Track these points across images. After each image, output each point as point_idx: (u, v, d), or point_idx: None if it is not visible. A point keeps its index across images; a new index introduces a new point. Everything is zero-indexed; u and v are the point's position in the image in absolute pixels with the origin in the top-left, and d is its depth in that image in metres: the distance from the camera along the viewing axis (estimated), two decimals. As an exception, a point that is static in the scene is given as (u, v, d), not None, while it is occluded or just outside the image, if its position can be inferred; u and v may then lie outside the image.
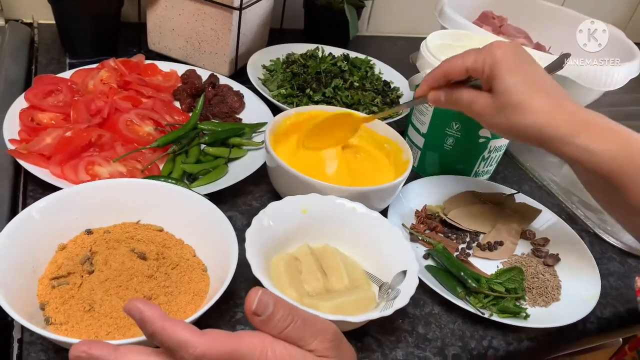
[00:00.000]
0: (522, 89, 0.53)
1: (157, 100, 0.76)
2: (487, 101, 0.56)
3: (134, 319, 0.32)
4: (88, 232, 0.53)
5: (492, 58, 0.55)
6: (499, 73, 0.54)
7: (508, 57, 0.54)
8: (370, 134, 0.73)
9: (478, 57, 0.56)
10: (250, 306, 0.33)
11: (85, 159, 0.62)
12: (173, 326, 0.31)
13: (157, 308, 0.32)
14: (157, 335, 0.31)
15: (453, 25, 0.90)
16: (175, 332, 0.31)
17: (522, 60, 0.55)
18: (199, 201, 0.55)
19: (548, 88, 0.54)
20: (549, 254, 0.68)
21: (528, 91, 0.53)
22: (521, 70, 0.54)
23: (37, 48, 0.89)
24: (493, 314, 0.57)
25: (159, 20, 0.88)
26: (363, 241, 0.59)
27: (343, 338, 0.37)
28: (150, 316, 0.31)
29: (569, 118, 0.53)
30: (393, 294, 0.52)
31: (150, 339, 0.31)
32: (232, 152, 0.71)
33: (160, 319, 0.31)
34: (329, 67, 0.89)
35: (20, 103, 0.68)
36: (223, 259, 0.50)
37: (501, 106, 0.54)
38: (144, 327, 0.31)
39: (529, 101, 0.53)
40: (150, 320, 0.31)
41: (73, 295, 0.47)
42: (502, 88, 0.54)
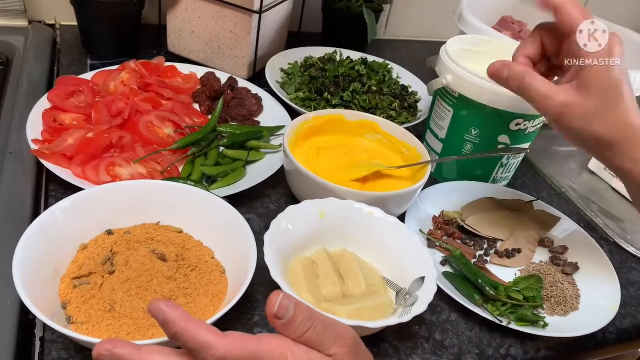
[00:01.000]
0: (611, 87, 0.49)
1: (176, 102, 0.77)
2: (569, 99, 0.51)
3: (156, 319, 0.32)
4: (108, 233, 0.54)
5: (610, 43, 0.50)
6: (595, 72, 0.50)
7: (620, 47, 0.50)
8: (389, 138, 0.73)
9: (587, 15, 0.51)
10: (272, 309, 0.33)
11: (106, 159, 0.63)
12: (196, 327, 0.31)
13: (180, 309, 0.32)
14: (180, 336, 0.31)
15: (472, 30, 0.90)
16: (198, 334, 0.31)
17: None
18: (217, 203, 0.56)
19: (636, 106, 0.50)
20: (567, 262, 0.68)
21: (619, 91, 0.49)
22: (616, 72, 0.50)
23: (59, 49, 0.90)
24: (511, 322, 0.57)
25: (179, 23, 0.89)
26: (380, 246, 0.59)
27: (361, 343, 0.37)
28: (174, 317, 0.31)
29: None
30: (411, 300, 0.52)
31: (172, 339, 0.32)
32: (250, 154, 0.71)
33: (183, 320, 0.31)
34: (346, 70, 0.89)
35: (43, 103, 0.69)
36: (241, 261, 0.51)
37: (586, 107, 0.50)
38: (167, 328, 0.32)
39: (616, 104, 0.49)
40: (173, 321, 0.31)
41: (94, 295, 0.47)
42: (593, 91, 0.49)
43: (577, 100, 0.51)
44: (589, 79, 0.51)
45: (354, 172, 0.68)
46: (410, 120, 0.86)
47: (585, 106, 0.51)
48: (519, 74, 0.54)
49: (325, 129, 0.73)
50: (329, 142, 0.73)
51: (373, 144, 0.75)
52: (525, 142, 0.74)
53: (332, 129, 0.73)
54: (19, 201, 0.59)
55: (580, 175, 0.91)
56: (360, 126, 0.74)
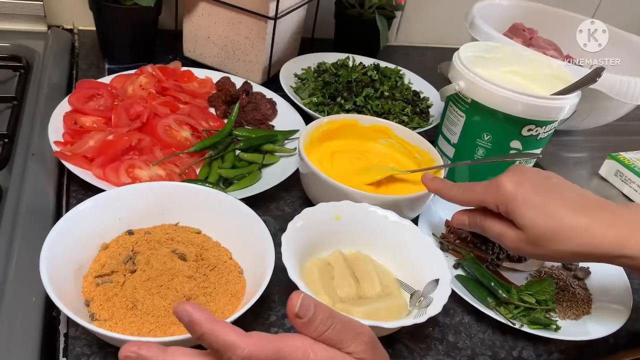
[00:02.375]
0: (547, 219, 0.50)
1: (193, 106, 0.78)
2: (518, 236, 0.52)
3: (182, 321, 0.33)
4: (129, 233, 0.55)
5: (502, 196, 0.52)
6: (514, 209, 0.51)
7: (519, 191, 0.52)
8: (402, 143, 0.74)
9: (487, 197, 0.54)
10: (293, 309, 0.34)
11: (126, 161, 0.64)
12: (221, 328, 0.32)
13: (205, 311, 0.33)
14: (207, 336, 0.32)
15: (483, 37, 0.91)
16: (224, 334, 0.32)
17: (538, 186, 0.52)
18: (235, 205, 0.57)
19: (576, 205, 0.51)
20: (579, 267, 0.68)
21: (556, 218, 0.50)
22: (540, 199, 0.51)
23: (78, 53, 0.92)
24: (524, 325, 0.57)
25: (195, 28, 0.91)
26: (394, 249, 0.60)
27: (377, 341, 0.38)
28: (199, 318, 0.32)
29: (609, 229, 0.49)
30: (425, 302, 0.53)
31: (199, 340, 0.33)
32: (266, 158, 0.72)
33: (209, 322, 0.32)
34: (359, 76, 0.90)
35: (63, 106, 0.71)
36: (258, 262, 0.52)
37: (533, 240, 0.51)
38: (193, 329, 0.33)
39: (561, 228, 0.50)
40: (199, 323, 0.32)
41: (116, 293, 0.49)
42: (526, 223, 0.51)
43: (520, 236, 0.52)
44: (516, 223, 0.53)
45: (367, 177, 0.69)
46: (422, 125, 0.87)
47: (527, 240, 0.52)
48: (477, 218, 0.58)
49: (339, 133, 0.74)
50: (343, 147, 0.74)
51: (386, 148, 0.76)
52: (537, 147, 0.75)
53: (346, 133, 0.75)
54: (42, 201, 0.60)
55: (591, 182, 0.92)
56: (374, 131, 0.75)
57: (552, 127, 0.73)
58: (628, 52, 0.98)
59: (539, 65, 0.81)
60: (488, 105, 0.70)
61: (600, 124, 0.99)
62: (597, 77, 0.71)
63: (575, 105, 0.72)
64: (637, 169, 0.87)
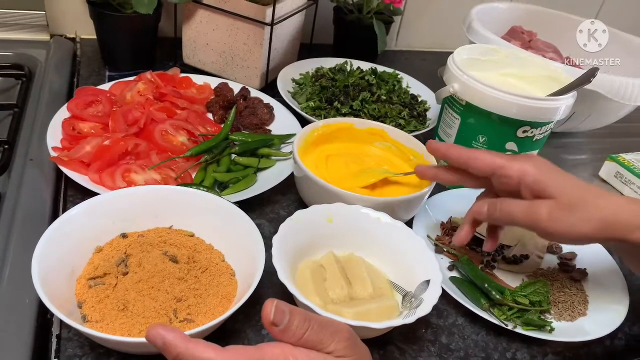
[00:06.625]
0: (577, 186, 0.53)
1: (190, 111, 0.79)
2: (550, 205, 0.52)
3: (156, 345, 0.33)
4: (123, 236, 0.56)
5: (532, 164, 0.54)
6: (547, 174, 0.53)
7: (543, 165, 0.54)
8: (398, 146, 0.75)
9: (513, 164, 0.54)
10: (268, 317, 0.34)
11: (122, 166, 0.65)
12: (196, 346, 0.32)
13: (178, 331, 0.33)
14: (183, 356, 0.32)
15: (481, 41, 0.91)
16: (200, 352, 0.32)
17: (555, 168, 0.55)
18: (229, 208, 0.57)
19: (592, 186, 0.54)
20: (576, 268, 0.68)
21: (584, 186, 0.53)
22: (564, 173, 0.54)
23: (79, 61, 0.94)
24: (517, 326, 0.57)
25: (194, 35, 0.92)
26: (387, 250, 0.60)
27: (357, 337, 0.38)
28: (173, 339, 0.32)
29: (629, 203, 0.52)
30: (416, 303, 0.53)
31: None
32: (261, 162, 0.73)
33: (183, 341, 0.32)
34: (356, 80, 0.91)
35: (62, 113, 0.72)
36: (250, 264, 0.52)
37: (566, 205, 0.52)
38: (168, 351, 0.33)
39: (590, 193, 0.52)
40: (173, 344, 0.32)
41: (108, 295, 0.49)
42: (560, 189, 0.52)
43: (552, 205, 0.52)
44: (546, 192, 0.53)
45: (362, 179, 0.69)
46: (419, 128, 0.87)
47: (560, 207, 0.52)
48: None
49: (335, 136, 0.74)
50: (338, 150, 0.74)
51: (382, 151, 0.76)
52: (533, 149, 0.74)
53: (341, 136, 0.75)
54: (39, 205, 0.61)
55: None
56: (369, 134, 0.76)
57: (547, 128, 0.73)
58: (628, 53, 0.98)
59: (535, 67, 0.81)
60: (482, 107, 0.70)
61: (600, 125, 0.98)
62: (591, 78, 0.71)
63: (570, 106, 0.72)
64: (637, 171, 0.86)
